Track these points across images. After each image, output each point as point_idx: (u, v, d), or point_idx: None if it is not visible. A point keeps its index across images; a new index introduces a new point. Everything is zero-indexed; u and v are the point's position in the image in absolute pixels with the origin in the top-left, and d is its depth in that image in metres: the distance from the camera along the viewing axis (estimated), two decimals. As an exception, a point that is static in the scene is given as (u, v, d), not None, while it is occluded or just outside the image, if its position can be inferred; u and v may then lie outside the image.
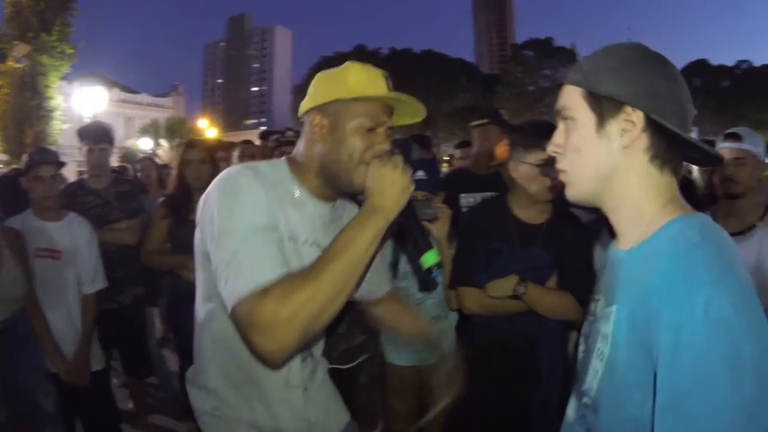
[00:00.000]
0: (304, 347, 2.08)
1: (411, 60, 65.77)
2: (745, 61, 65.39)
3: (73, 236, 4.24)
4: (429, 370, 3.79)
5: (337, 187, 2.00)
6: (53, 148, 5.20)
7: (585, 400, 1.46)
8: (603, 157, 1.43)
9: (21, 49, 25.36)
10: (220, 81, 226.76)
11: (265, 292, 1.60)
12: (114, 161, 17.96)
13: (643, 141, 1.40)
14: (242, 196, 1.80)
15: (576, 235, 3.20)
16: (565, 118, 1.50)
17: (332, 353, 3.69)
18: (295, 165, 2.04)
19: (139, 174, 7.13)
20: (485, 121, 5.03)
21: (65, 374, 4.02)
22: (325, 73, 2.02)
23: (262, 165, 2.00)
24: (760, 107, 56.70)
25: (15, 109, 27.62)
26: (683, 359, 1.14)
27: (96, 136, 5.02)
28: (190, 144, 4.90)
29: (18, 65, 26.26)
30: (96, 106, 28.75)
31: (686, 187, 4.17)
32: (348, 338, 3.84)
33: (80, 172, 5.05)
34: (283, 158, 2.09)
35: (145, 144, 49.71)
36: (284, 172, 2.02)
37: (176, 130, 53.07)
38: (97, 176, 5.05)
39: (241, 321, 1.63)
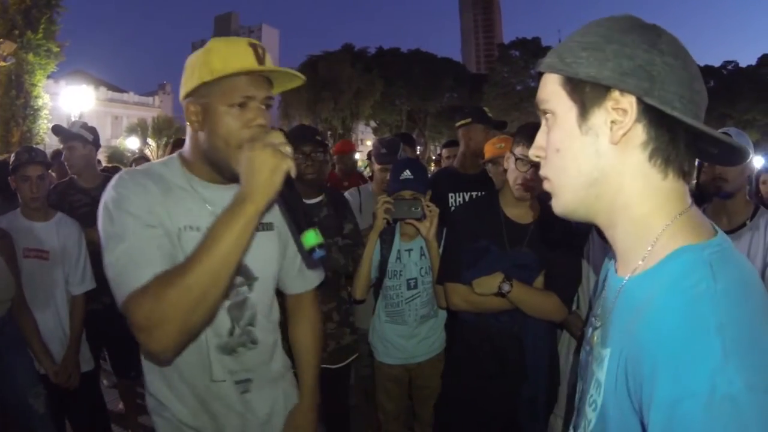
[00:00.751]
0: (240, 336, 2.07)
1: (398, 59, 65.73)
2: (731, 61, 65.72)
3: (61, 236, 4.22)
4: (418, 369, 3.82)
5: (224, 175, 1.93)
6: (40, 147, 5.15)
7: None
8: (589, 158, 1.14)
9: (6, 47, 25.14)
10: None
11: (141, 292, 1.63)
12: (103, 161, 17.87)
13: (638, 134, 1.10)
14: (119, 203, 1.79)
15: (564, 237, 3.18)
16: (544, 113, 1.22)
17: (321, 353, 3.71)
18: (184, 159, 2.02)
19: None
20: (468, 120, 5.04)
21: (54, 375, 3.99)
22: (191, 57, 1.92)
23: (155, 164, 2.01)
24: (747, 108, 57.05)
25: (1, 107, 27.42)
26: None
27: (66, 134, 5.01)
28: (178, 143, 4.90)
29: (4, 63, 26.05)
30: (83, 105, 28.63)
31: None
32: (337, 338, 3.85)
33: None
34: (176, 154, 2.06)
35: (132, 143, 49.58)
36: (176, 167, 2.00)
37: (163, 129, 52.89)
38: (84, 174, 5.02)
39: (128, 321, 1.65)
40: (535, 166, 2.28)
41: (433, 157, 22.41)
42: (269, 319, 2.20)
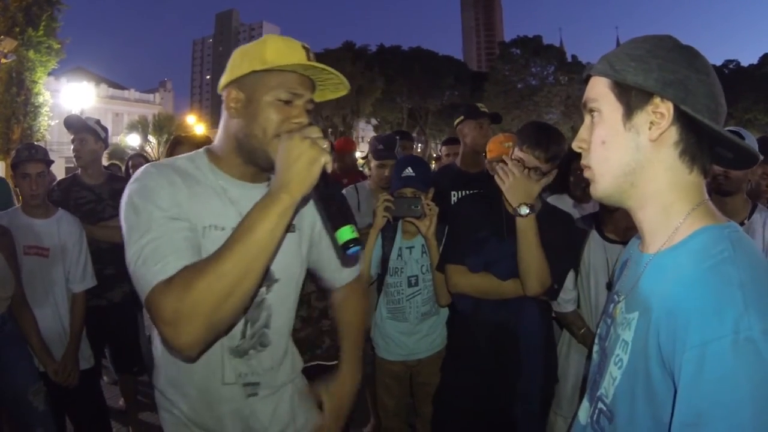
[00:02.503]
0: (251, 338, 2.05)
1: (399, 57, 65.76)
2: (732, 60, 65.74)
3: (62, 234, 4.21)
4: (419, 365, 3.82)
5: (257, 163, 1.92)
6: (41, 144, 5.16)
7: (600, 405, 1.43)
8: (630, 151, 1.36)
9: (7, 44, 25.13)
10: (208, 77, 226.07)
11: (167, 283, 1.56)
12: (104, 158, 17.85)
13: (672, 134, 1.33)
14: (144, 194, 1.76)
15: (560, 224, 3.29)
16: (590, 111, 1.43)
17: (317, 350, 3.70)
18: (213, 154, 2.00)
19: (131, 171, 7.10)
20: (461, 118, 5.10)
21: (54, 373, 3.99)
22: (243, 46, 1.94)
23: (180, 159, 1.97)
24: (748, 107, 57.07)
25: (2, 104, 27.39)
26: (707, 378, 1.09)
27: (75, 126, 5.01)
28: (178, 141, 4.89)
29: (4, 61, 26.05)
30: (83, 102, 28.67)
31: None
32: (333, 334, 3.84)
33: (68, 169, 5.02)
34: (203, 149, 2.04)
35: (133, 140, 49.56)
36: (203, 162, 1.98)
37: (164, 126, 52.85)
38: (83, 169, 5.03)
39: (150, 314, 1.60)
40: (534, 169, 2.75)
41: (434, 155, 22.43)
42: (285, 322, 2.17)
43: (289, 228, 2.08)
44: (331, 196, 1.75)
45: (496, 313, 3.22)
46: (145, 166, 1.90)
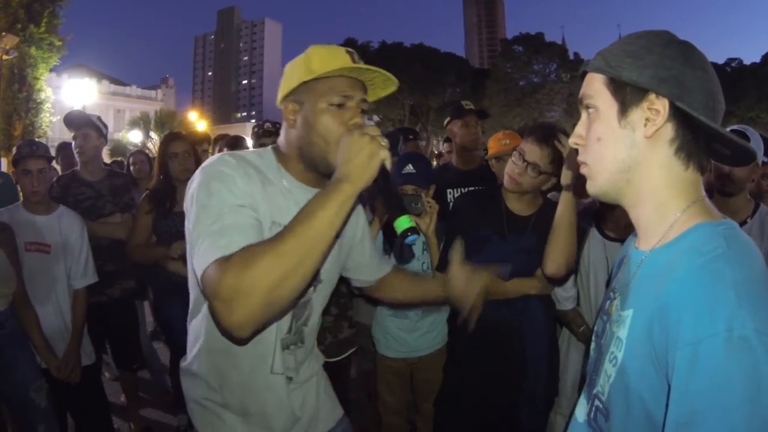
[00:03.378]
0: (294, 334, 2.11)
1: (401, 54, 65.56)
2: (735, 58, 65.31)
3: (63, 230, 4.21)
4: (420, 362, 3.82)
5: (317, 170, 1.99)
6: (42, 140, 5.16)
7: (597, 403, 1.42)
8: (625, 148, 1.35)
9: (9, 40, 25.14)
10: (209, 74, 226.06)
11: (227, 260, 1.58)
12: (105, 154, 17.85)
13: (667, 131, 1.32)
14: (221, 178, 1.81)
15: None
16: (587, 107, 1.43)
17: (319, 346, 3.71)
18: (279, 153, 2.06)
19: (132, 167, 7.10)
20: (448, 119, 5.26)
21: (55, 370, 3.99)
22: (292, 62, 2.02)
23: (249, 153, 2.02)
24: (751, 105, 56.91)
25: (3, 101, 27.42)
26: (700, 376, 1.09)
27: (78, 122, 5.02)
28: (172, 137, 4.91)
29: (6, 57, 26.06)
30: (85, 99, 28.68)
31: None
32: (335, 331, 3.85)
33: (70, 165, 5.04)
34: (270, 147, 2.10)
35: (134, 136, 49.64)
36: (270, 160, 2.04)
37: (166, 122, 52.91)
38: (85, 165, 5.03)
39: (206, 291, 1.62)
40: (532, 164, 2.82)
41: (435, 152, 22.43)
42: (317, 322, 2.26)
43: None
44: (389, 189, 1.82)
45: (501, 312, 3.22)
46: (220, 154, 1.94)
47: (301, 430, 2.21)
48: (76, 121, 5.03)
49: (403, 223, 1.76)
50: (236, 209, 1.75)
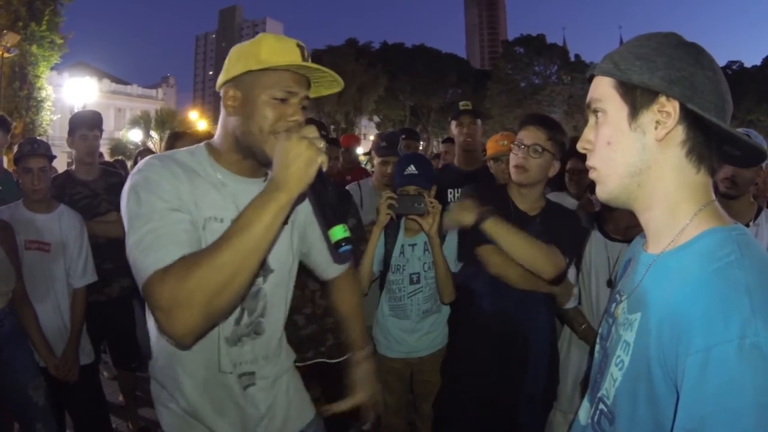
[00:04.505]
0: (246, 326, 2.08)
1: (402, 54, 65.73)
2: (736, 61, 65.45)
3: (63, 229, 4.21)
4: (420, 363, 3.82)
5: (254, 159, 1.97)
6: (43, 138, 5.16)
7: (601, 406, 1.41)
8: (636, 152, 1.33)
9: (10, 38, 25.16)
10: (210, 73, 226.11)
11: (165, 272, 1.60)
12: (105, 153, 17.85)
13: (678, 134, 1.30)
14: (147, 184, 1.79)
15: (569, 223, 3.31)
16: (595, 111, 1.41)
17: (320, 347, 3.71)
18: (212, 148, 2.04)
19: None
20: (450, 120, 5.35)
21: (54, 369, 3.99)
22: (239, 46, 1.99)
23: (180, 152, 2.01)
24: (751, 108, 56.96)
25: (4, 99, 27.40)
26: (711, 383, 1.06)
27: (91, 121, 5.03)
28: (176, 135, 4.92)
29: (7, 55, 26.06)
30: (86, 97, 28.66)
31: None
32: (336, 333, 3.83)
33: (69, 164, 5.03)
34: (203, 144, 2.08)
35: (135, 135, 49.60)
36: (203, 156, 2.01)
37: (167, 121, 52.86)
38: (86, 165, 5.02)
39: (148, 302, 1.64)
40: (536, 151, 2.93)
41: (435, 152, 22.55)
42: (279, 313, 2.21)
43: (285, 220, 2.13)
44: (325, 196, 1.80)
45: (506, 313, 3.22)
46: (147, 158, 1.94)
47: (272, 430, 2.19)
48: (88, 121, 5.05)
49: (338, 233, 1.74)
50: (167, 215, 1.75)
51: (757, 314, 1.07)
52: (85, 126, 4.98)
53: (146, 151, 7.72)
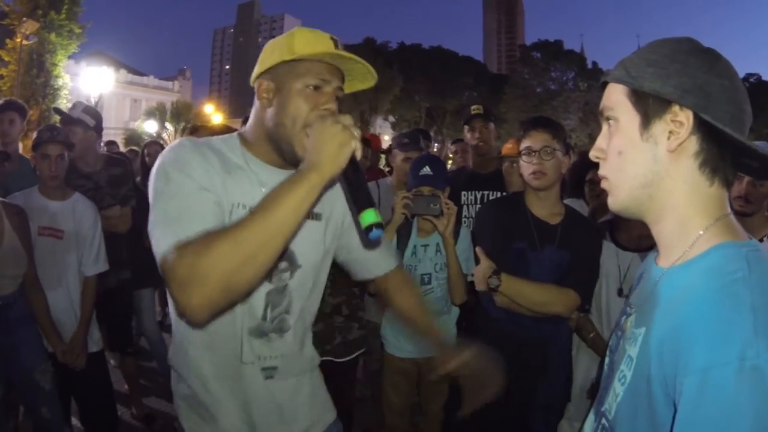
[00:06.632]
0: (271, 321, 2.05)
1: (419, 55, 65.72)
2: (754, 74, 65.08)
3: (77, 217, 4.23)
4: (428, 363, 3.80)
5: (282, 155, 1.96)
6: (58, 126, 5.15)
7: (603, 421, 1.37)
8: (647, 163, 1.28)
9: (29, 26, 25.33)
10: (227, 67, 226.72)
11: (185, 245, 1.56)
12: (120, 143, 17.93)
13: (691, 145, 1.25)
14: (177, 162, 1.79)
15: (589, 237, 3.27)
16: (607, 119, 1.36)
17: (327, 346, 3.69)
18: (244, 138, 2.04)
19: (147, 158, 7.12)
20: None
21: (62, 355, 4.01)
22: (273, 39, 1.99)
23: (214, 140, 2.00)
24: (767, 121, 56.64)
25: (21, 85, 27.59)
26: (708, 406, 1.02)
27: (64, 120, 4.95)
28: (195, 129, 4.91)
29: (26, 42, 26.21)
30: (102, 87, 28.82)
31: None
32: (345, 331, 3.84)
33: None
34: (235, 133, 2.08)
35: (150, 126, 49.75)
36: (235, 144, 2.01)
37: (182, 114, 53.03)
38: (85, 158, 4.96)
39: (164, 276, 1.59)
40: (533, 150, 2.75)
41: (451, 155, 22.59)
42: (306, 309, 2.19)
43: (315, 216, 2.12)
44: (357, 181, 1.77)
45: (527, 317, 3.19)
46: (180, 139, 1.94)
47: None
48: (61, 117, 5.01)
49: (369, 217, 1.70)
50: (194, 193, 1.74)
51: (760, 336, 1.02)
52: (61, 119, 4.96)
53: (154, 143, 7.70)
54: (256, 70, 1.98)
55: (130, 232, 5.02)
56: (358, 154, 1.72)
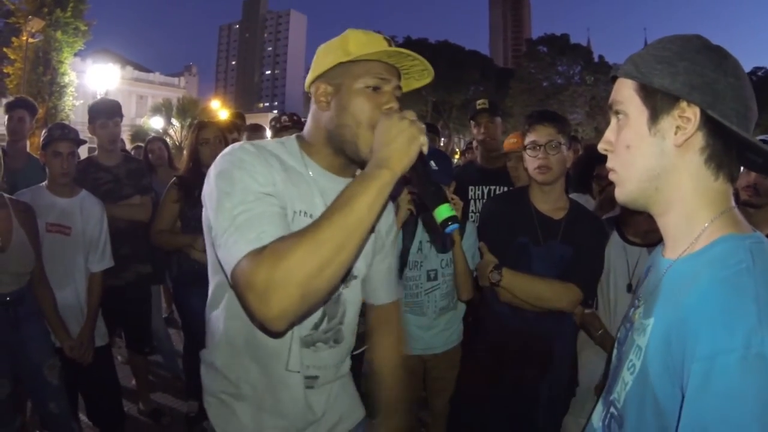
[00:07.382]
0: (327, 332, 2.03)
1: (426, 50, 65.34)
2: (761, 67, 64.67)
3: (85, 214, 4.26)
4: (433, 360, 3.81)
5: (346, 154, 1.90)
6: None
7: (612, 410, 1.39)
8: (654, 156, 1.32)
9: (35, 24, 25.40)
10: (233, 63, 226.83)
11: (260, 252, 1.51)
12: (126, 140, 17.93)
13: (698, 140, 1.28)
14: (242, 165, 1.74)
15: (593, 231, 3.26)
16: (616, 113, 1.40)
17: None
18: (303, 142, 1.99)
19: (150, 155, 7.09)
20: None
21: (69, 350, 4.02)
22: (325, 44, 1.95)
23: (271, 143, 1.96)
24: (775, 114, 56.42)
25: (28, 83, 27.64)
26: (713, 393, 1.05)
27: (110, 110, 5.09)
28: (203, 125, 4.94)
29: (32, 40, 26.29)
30: (108, 84, 28.87)
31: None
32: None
33: (90, 149, 5.06)
34: (293, 136, 2.03)
35: (156, 123, 49.81)
36: (293, 148, 1.96)
37: (188, 110, 53.04)
38: (108, 152, 5.07)
39: (238, 285, 1.54)
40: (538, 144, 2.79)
41: (456, 149, 22.52)
42: (354, 320, 2.16)
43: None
44: (428, 176, 1.74)
45: (532, 312, 3.20)
46: (240, 143, 1.89)
47: (322, 431, 2.14)
48: (106, 110, 5.11)
49: (443, 212, 1.67)
50: (261, 197, 1.68)
51: (764, 324, 1.05)
52: (104, 115, 5.04)
53: (157, 139, 7.64)
54: (311, 75, 1.94)
55: (147, 226, 5.02)
56: (425, 149, 1.68)
